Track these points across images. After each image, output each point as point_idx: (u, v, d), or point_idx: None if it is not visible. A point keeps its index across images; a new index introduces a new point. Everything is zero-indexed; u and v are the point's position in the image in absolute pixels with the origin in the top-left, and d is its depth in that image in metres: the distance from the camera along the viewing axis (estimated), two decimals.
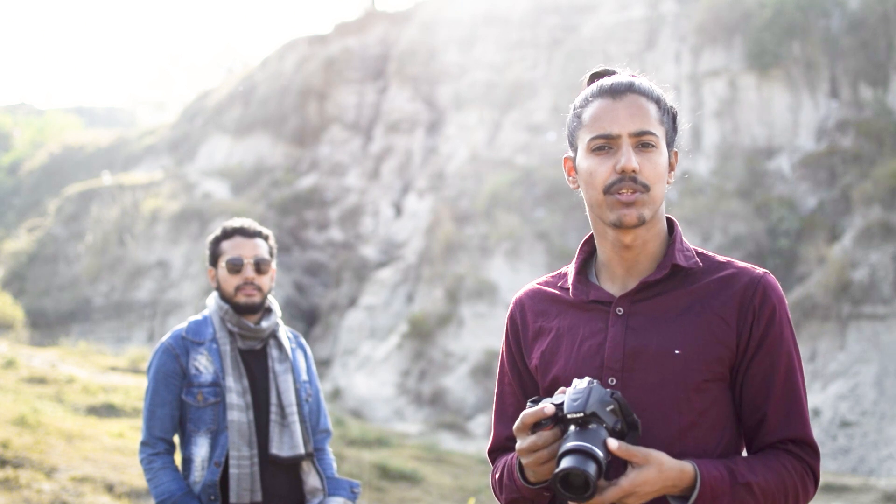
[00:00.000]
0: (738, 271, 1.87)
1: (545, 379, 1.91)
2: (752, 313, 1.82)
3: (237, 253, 3.36)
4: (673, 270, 1.88)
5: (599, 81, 1.94)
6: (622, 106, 1.85)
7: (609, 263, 1.92)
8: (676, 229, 1.94)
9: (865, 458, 12.47)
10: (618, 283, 1.91)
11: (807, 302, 14.69)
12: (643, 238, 1.88)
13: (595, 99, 1.90)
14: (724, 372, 1.83)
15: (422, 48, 25.58)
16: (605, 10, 22.83)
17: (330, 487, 3.36)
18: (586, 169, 1.87)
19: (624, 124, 1.83)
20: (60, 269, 25.07)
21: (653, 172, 1.83)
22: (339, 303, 20.61)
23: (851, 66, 18.43)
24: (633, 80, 1.90)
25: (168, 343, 3.31)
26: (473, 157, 21.83)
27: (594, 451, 1.61)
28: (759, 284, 1.84)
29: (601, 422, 1.66)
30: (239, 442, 3.18)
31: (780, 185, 17.76)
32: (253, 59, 37.74)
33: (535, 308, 1.99)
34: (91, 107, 49.60)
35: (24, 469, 7.36)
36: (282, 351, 3.39)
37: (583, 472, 1.59)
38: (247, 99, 28.28)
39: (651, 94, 1.89)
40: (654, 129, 1.85)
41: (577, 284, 1.95)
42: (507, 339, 2.03)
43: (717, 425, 1.82)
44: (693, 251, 1.92)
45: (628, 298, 1.88)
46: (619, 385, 1.82)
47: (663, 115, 1.89)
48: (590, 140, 1.86)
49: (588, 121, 1.88)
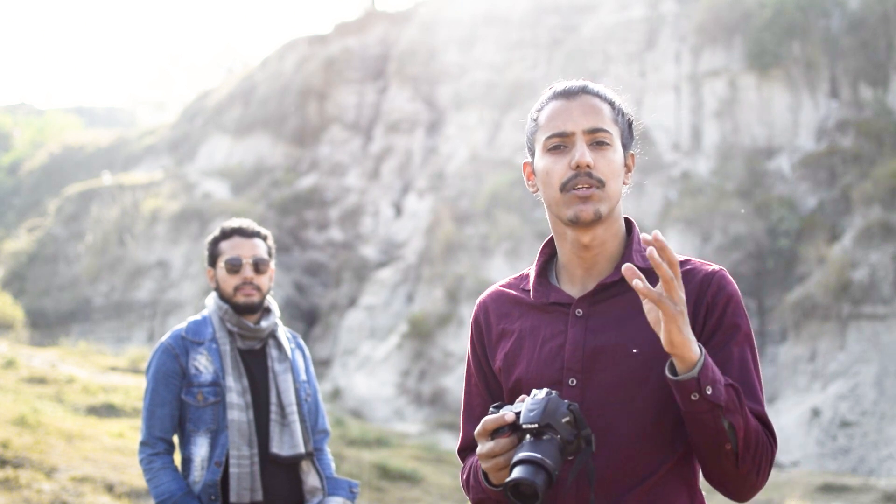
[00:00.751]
0: (693, 268, 1.91)
1: (508, 380, 1.94)
2: (706, 306, 1.85)
3: (236, 253, 3.36)
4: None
5: (554, 86, 2.00)
6: (575, 105, 1.91)
7: (568, 265, 1.96)
8: (634, 230, 1.98)
9: (865, 458, 12.47)
10: (577, 285, 1.95)
11: (807, 302, 14.69)
12: (601, 238, 1.91)
13: (550, 102, 1.95)
14: None
15: (422, 48, 25.58)
16: (605, 10, 22.83)
17: (329, 487, 3.36)
18: (543, 168, 1.92)
19: (577, 122, 1.89)
20: (60, 269, 25.08)
21: (607, 168, 1.88)
22: (339, 303, 20.62)
23: (851, 66, 18.43)
24: (586, 83, 1.96)
25: (167, 343, 3.31)
26: (473, 157, 21.83)
27: (545, 461, 1.64)
28: (713, 279, 1.88)
29: (555, 433, 1.68)
30: (239, 441, 3.18)
31: (780, 185, 17.76)
32: (253, 59, 37.74)
33: (498, 310, 2.02)
34: (91, 107, 49.60)
35: (24, 469, 7.36)
36: (281, 351, 3.40)
37: (532, 482, 1.62)
38: (247, 99, 28.28)
39: (604, 96, 1.95)
40: (607, 127, 1.90)
41: (537, 287, 1.98)
42: (472, 342, 2.06)
43: (677, 420, 1.82)
44: None
45: (587, 300, 1.91)
46: (580, 385, 1.85)
47: (617, 115, 1.94)
48: (545, 140, 1.91)
49: (544, 122, 1.94)
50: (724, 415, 1.71)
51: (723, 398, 1.70)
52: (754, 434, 1.76)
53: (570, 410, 1.71)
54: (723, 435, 1.73)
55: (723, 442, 1.73)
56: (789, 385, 14.32)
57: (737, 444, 1.73)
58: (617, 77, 20.98)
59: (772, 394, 14.62)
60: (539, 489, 1.63)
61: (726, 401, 1.71)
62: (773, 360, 15.29)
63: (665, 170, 19.10)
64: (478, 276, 18.06)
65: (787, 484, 10.64)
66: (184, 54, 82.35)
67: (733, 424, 1.72)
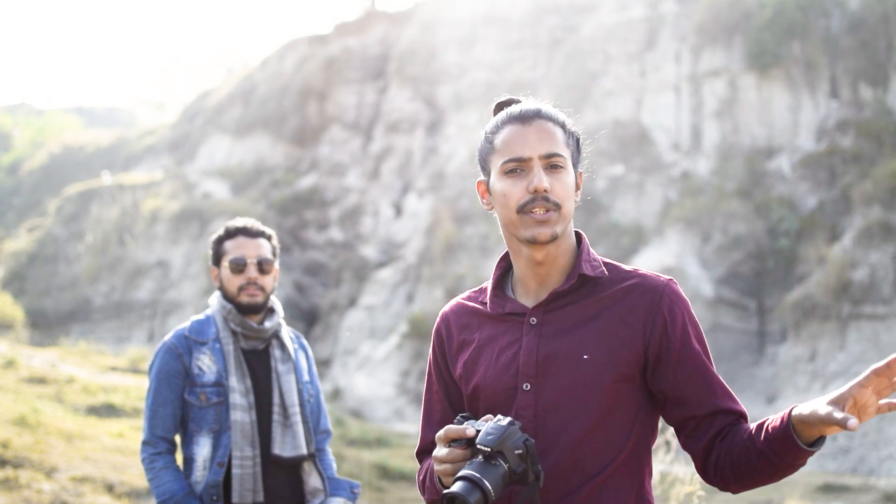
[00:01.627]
0: (642, 279, 2.01)
1: (468, 387, 2.04)
2: (652, 317, 1.95)
3: (240, 253, 3.35)
4: (581, 280, 2.01)
5: (508, 109, 2.07)
6: (531, 130, 1.98)
7: (523, 278, 2.06)
8: (584, 242, 2.08)
9: (865, 458, 12.47)
10: (532, 296, 2.04)
11: (807, 302, 14.69)
12: (553, 254, 2.01)
13: (505, 125, 2.03)
14: (632, 373, 1.95)
15: (422, 48, 25.58)
16: (605, 10, 22.82)
17: (330, 488, 3.35)
18: (500, 191, 1.99)
19: (534, 147, 1.97)
20: (60, 269, 25.07)
21: (563, 191, 1.97)
22: (339, 303, 20.62)
23: (851, 66, 18.43)
24: (539, 106, 2.04)
25: (171, 342, 3.29)
26: (473, 157, 21.69)
27: (485, 484, 1.72)
28: (664, 291, 1.98)
29: (505, 461, 1.76)
30: (242, 442, 3.18)
31: (780, 185, 17.76)
32: (253, 59, 37.74)
33: (458, 322, 2.12)
34: (91, 107, 49.60)
35: (24, 469, 7.36)
36: (284, 351, 3.39)
37: (465, 500, 1.71)
38: (247, 99, 28.28)
39: (557, 119, 2.03)
40: (561, 151, 1.98)
41: (493, 298, 2.08)
42: (434, 352, 2.16)
43: (625, 420, 1.95)
44: (600, 261, 2.05)
45: (541, 309, 2.01)
46: (533, 389, 1.95)
47: (568, 138, 2.03)
48: (503, 164, 1.99)
49: (500, 146, 2.01)
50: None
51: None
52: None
53: (525, 444, 1.79)
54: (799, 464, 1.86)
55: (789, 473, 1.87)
56: (789, 385, 14.32)
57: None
58: (617, 77, 20.99)
59: (772, 394, 14.62)
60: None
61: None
62: (773, 360, 15.29)
63: (665, 170, 19.10)
64: (478, 276, 18.06)
65: (787, 484, 10.63)
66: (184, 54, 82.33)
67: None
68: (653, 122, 19.89)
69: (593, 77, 21.33)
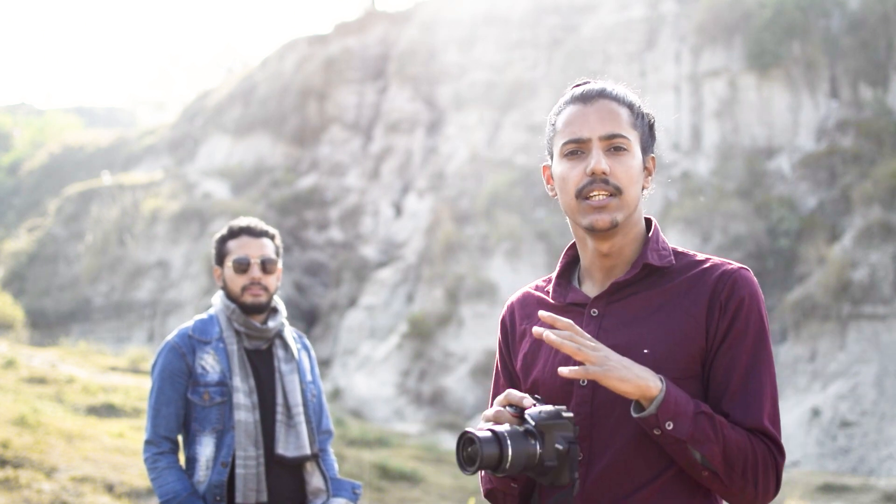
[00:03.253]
0: (710, 267, 1.88)
1: (527, 381, 1.95)
2: (719, 308, 1.82)
3: (244, 252, 3.34)
4: (646, 270, 1.90)
5: (572, 89, 1.99)
6: (592, 111, 1.89)
7: (590, 268, 1.96)
8: (654, 228, 1.96)
9: (865, 458, 12.47)
10: (597, 286, 1.95)
11: (807, 302, 14.69)
12: (619, 245, 1.91)
13: (567, 106, 1.94)
14: (696, 369, 1.83)
15: (422, 48, 25.58)
16: (605, 10, 22.83)
17: (332, 488, 3.35)
18: (560, 174, 1.91)
19: (594, 128, 1.87)
20: (60, 269, 25.07)
21: (625, 175, 1.86)
22: (339, 303, 20.62)
23: (851, 66, 18.43)
24: (604, 86, 1.94)
25: (174, 341, 3.29)
26: (473, 157, 21.83)
27: (507, 446, 1.66)
28: (729, 279, 1.84)
29: (541, 445, 1.69)
30: (245, 442, 3.17)
31: (780, 185, 17.76)
32: (253, 59, 37.77)
33: (522, 312, 2.04)
34: (91, 107, 49.61)
35: (24, 469, 7.36)
36: (288, 351, 3.38)
37: (479, 449, 1.65)
38: (247, 99, 28.28)
39: (623, 99, 1.93)
40: (624, 133, 1.88)
41: (556, 288, 1.99)
42: (500, 343, 2.09)
43: None
44: (670, 250, 1.93)
45: (603, 300, 1.91)
46: (590, 384, 1.84)
47: (636, 119, 1.92)
48: (562, 145, 1.91)
49: (561, 127, 1.93)
50: (691, 447, 1.71)
51: (686, 432, 1.71)
52: (739, 455, 1.73)
53: (569, 445, 1.71)
54: (695, 465, 1.74)
55: (699, 470, 1.74)
56: (789, 385, 14.32)
57: (715, 469, 1.73)
58: (617, 77, 20.93)
59: None
60: (480, 457, 1.65)
61: (691, 433, 1.71)
62: (774, 360, 15.29)
63: (665, 170, 19.11)
64: (478, 276, 18.06)
65: (787, 484, 10.64)
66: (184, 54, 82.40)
67: (705, 454, 1.72)
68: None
69: (593, 77, 21.23)
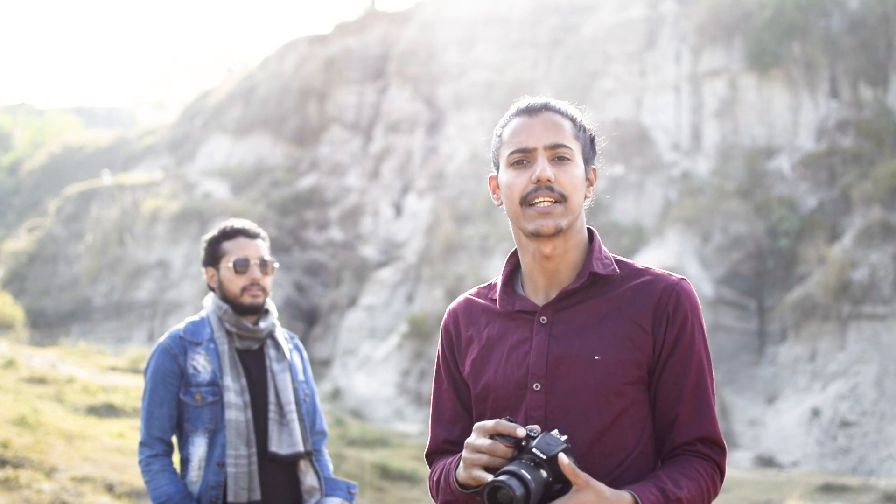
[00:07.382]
0: (654, 278, 1.98)
1: (476, 386, 2.02)
2: (665, 319, 1.93)
3: (243, 254, 3.35)
4: (591, 279, 1.98)
5: (518, 103, 2.07)
6: (538, 122, 1.98)
7: (531, 274, 2.02)
8: (595, 238, 2.05)
9: (865, 458, 12.47)
10: (541, 293, 2.01)
11: (807, 302, 14.68)
12: (562, 249, 1.98)
13: (513, 118, 2.03)
14: (643, 375, 1.93)
15: (422, 48, 25.58)
16: (605, 10, 22.82)
17: (327, 488, 3.36)
18: (506, 182, 1.99)
19: (539, 138, 1.96)
20: (60, 269, 25.07)
21: (569, 183, 1.95)
22: (339, 303, 20.61)
23: (851, 66, 18.43)
24: (548, 100, 2.03)
25: (166, 343, 3.30)
26: (473, 157, 21.83)
27: (530, 483, 1.73)
28: (673, 291, 1.95)
29: (550, 474, 1.76)
30: (236, 441, 3.18)
31: (780, 185, 17.76)
32: (253, 59, 37.77)
33: (466, 319, 2.09)
34: (91, 107, 49.64)
35: (24, 469, 7.36)
36: (279, 351, 3.40)
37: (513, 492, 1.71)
38: (247, 99, 28.28)
39: (566, 112, 2.02)
40: (568, 143, 1.97)
41: (503, 295, 2.05)
42: (443, 349, 2.13)
43: (636, 425, 1.94)
44: (612, 259, 2.02)
45: (551, 307, 1.98)
46: (543, 389, 1.92)
47: (578, 131, 2.01)
48: (509, 155, 1.99)
49: (507, 138, 2.01)
50: None
51: None
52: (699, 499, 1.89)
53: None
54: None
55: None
56: (789, 385, 14.32)
57: None
58: (617, 77, 20.99)
59: (772, 394, 14.61)
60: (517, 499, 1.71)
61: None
62: (773, 360, 15.29)
63: (665, 170, 19.10)
64: (478, 276, 18.06)
65: (787, 484, 10.64)
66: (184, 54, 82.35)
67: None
68: (653, 122, 19.88)
69: (593, 77, 21.33)
